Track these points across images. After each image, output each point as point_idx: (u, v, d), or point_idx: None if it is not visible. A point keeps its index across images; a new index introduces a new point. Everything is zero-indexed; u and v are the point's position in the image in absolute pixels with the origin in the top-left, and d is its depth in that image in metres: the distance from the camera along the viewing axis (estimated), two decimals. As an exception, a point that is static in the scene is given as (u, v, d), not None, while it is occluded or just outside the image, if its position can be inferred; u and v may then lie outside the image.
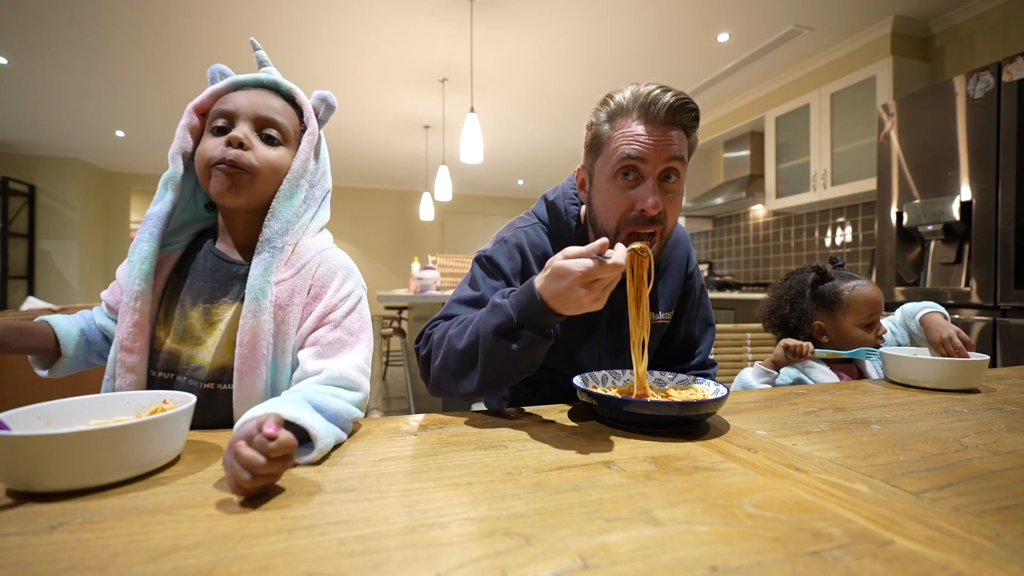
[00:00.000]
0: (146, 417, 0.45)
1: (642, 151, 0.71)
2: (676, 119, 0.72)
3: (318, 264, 0.68)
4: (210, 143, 0.65)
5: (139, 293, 0.63)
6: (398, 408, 3.35)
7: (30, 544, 0.33)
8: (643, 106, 0.72)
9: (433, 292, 2.78)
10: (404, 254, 7.57)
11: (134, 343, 0.63)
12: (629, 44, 3.15)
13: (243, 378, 0.62)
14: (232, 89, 0.69)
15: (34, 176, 5.71)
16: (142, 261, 0.64)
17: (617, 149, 0.73)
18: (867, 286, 1.08)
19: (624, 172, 0.73)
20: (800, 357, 1.04)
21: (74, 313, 0.78)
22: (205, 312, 0.66)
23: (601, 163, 0.76)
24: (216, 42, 3.11)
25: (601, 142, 0.76)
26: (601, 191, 0.77)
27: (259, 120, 0.67)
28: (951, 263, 2.16)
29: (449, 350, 0.68)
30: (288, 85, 0.72)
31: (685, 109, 0.72)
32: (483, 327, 0.64)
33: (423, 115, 4.44)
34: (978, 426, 0.63)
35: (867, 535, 0.34)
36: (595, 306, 0.58)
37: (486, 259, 0.84)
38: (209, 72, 0.73)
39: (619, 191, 0.74)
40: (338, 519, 0.37)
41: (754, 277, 4.20)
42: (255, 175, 0.65)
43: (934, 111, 2.17)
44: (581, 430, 0.61)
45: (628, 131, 0.72)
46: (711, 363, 1.02)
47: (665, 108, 0.71)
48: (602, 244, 0.56)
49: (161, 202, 0.67)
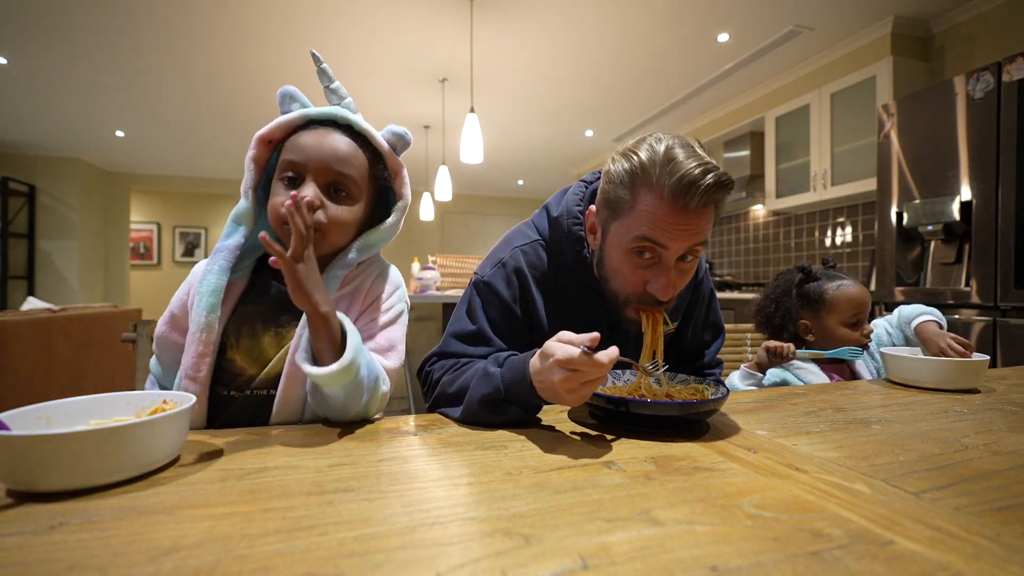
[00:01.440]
0: (146, 417, 0.45)
1: (667, 240, 0.65)
2: (711, 200, 0.64)
3: (372, 279, 0.73)
4: (280, 197, 0.65)
5: (206, 325, 0.65)
6: (398, 408, 3.35)
7: (30, 544, 0.33)
8: (675, 189, 0.62)
9: (433, 292, 2.78)
10: (404, 254, 7.56)
11: (197, 372, 0.65)
12: (629, 44, 3.15)
13: (287, 388, 0.65)
14: (303, 124, 0.68)
15: (34, 176, 5.70)
16: (210, 294, 0.66)
17: (639, 227, 0.65)
18: (852, 286, 1.09)
19: (642, 251, 0.67)
20: (782, 358, 1.05)
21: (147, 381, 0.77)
22: (277, 336, 0.69)
23: (618, 230, 0.69)
24: (216, 42, 3.11)
25: (621, 207, 0.68)
26: (613, 257, 0.71)
27: (328, 174, 0.66)
28: (951, 263, 2.16)
29: (441, 395, 0.72)
30: (364, 127, 0.70)
31: (724, 189, 0.63)
32: (471, 393, 0.64)
33: (423, 115, 4.44)
34: (978, 426, 0.63)
35: (867, 535, 0.34)
36: (569, 398, 0.56)
37: (484, 284, 0.81)
38: (279, 95, 0.70)
39: (633, 268, 0.69)
40: (338, 519, 0.37)
41: (754, 277, 4.20)
42: (326, 233, 0.66)
43: (934, 111, 2.17)
44: (581, 430, 0.61)
45: (655, 212, 0.64)
46: (717, 362, 1.02)
47: (701, 193, 0.61)
48: (592, 338, 0.54)
49: (234, 236, 0.69)
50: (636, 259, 0.68)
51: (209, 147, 5.47)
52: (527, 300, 0.81)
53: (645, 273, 0.69)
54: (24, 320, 2.04)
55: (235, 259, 0.68)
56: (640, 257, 0.68)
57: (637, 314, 0.72)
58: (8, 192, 5.40)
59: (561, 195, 0.85)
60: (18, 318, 2.03)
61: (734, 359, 1.46)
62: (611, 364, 0.54)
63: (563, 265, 0.82)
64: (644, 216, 0.65)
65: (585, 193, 0.82)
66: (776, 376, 1.09)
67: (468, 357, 0.77)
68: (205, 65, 3.44)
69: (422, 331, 3.03)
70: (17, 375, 1.99)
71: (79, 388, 2.30)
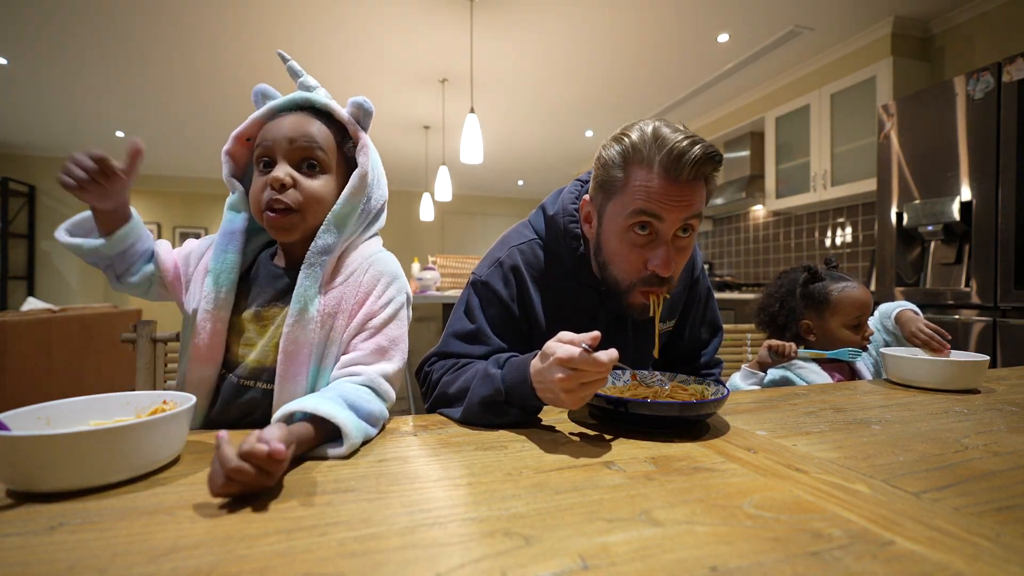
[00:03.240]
0: (146, 417, 0.45)
1: (662, 211, 0.67)
2: (701, 172, 0.66)
3: (366, 270, 0.71)
4: (258, 184, 0.68)
5: (224, 301, 0.67)
6: (398, 408, 3.35)
7: (30, 544, 0.33)
8: (666, 161, 0.65)
9: (433, 292, 2.78)
10: (404, 255, 7.55)
11: (212, 353, 0.66)
12: (629, 44, 3.15)
13: (284, 384, 0.64)
14: (271, 115, 0.70)
15: (34, 176, 5.70)
16: (230, 270, 0.68)
17: (633, 202, 0.68)
18: (856, 288, 1.10)
19: (639, 227, 0.69)
20: (784, 357, 1.06)
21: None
22: (256, 315, 0.69)
23: (613, 209, 0.71)
24: (217, 43, 3.11)
25: (615, 187, 0.70)
26: (612, 240, 0.73)
27: (297, 152, 0.67)
28: (951, 263, 2.16)
29: (441, 396, 0.72)
30: (323, 103, 0.71)
31: (712, 162, 0.66)
32: (472, 395, 0.64)
33: (423, 115, 4.44)
34: (978, 426, 0.63)
35: (867, 535, 0.34)
36: (569, 399, 0.55)
37: (482, 284, 0.81)
38: (253, 94, 0.74)
39: (632, 248, 0.71)
40: (338, 519, 0.37)
41: (754, 277, 4.20)
42: (303, 211, 0.67)
43: (934, 111, 2.17)
44: (581, 431, 0.61)
45: (647, 185, 0.66)
46: (716, 362, 1.02)
47: (691, 164, 0.64)
48: (593, 337, 0.54)
49: (237, 221, 0.72)
50: (634, 236, 0.70)
51: (209, 148, 5.47)
52: (524, 298, 0.82)
53: (644, 252, 0.70)
54: (24, 320, 2.04)
55: (246, 239, 0.72)
56: (638, 234, 0.70)
57: (645, 297, 0.73)
58: (8, 192, 5.39)
59: (557, 194, 0.85)
60: (18, 318, 2.03)
61: (734, 359, 1.46)
62: (611, 364, 0.53)
63: (560, 263, 0.82)
64: (638, 190, 0.67)
65: (581, 191, 0.83)
66: (778, 375, 1.09)
67: (468, 357, 0.77)
68: (205, 66, 3.44)
69: (422, 331, 3.03)
70: (17, 375, 1.99)
71: (79, 388, 2.30)
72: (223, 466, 0.39)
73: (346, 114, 0.71)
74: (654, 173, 0.66)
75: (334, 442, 0.52)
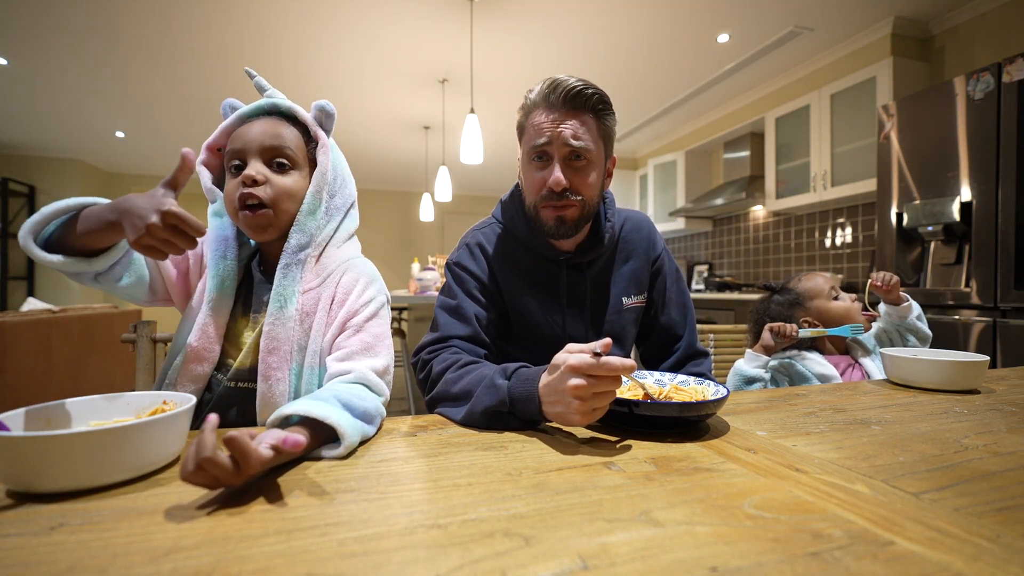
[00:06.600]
0: (146, 418, 0.45)
1: (548, 135, 0.79)
2: (576, 103, 0.78)
3: (342, 273, 0.73)
4: (231, 185, 0.70)
5: (223, 305, 0.70)
6: (398, 409, 3.35)
7: (30, 545, 0.33)
8: (545, 95, 0.79)
9: (433, 293, 2.78)
10: (404, 255, 7.56)
11: (208, 354, 0.68)
12: (629, 45, 3.15)
13: (266, 382, 0.66)
14: (239, 122, 0.73)
15: (34, 176, 5.70)
16: (230, 276, 0.71)
17: (530, 139, 0.82)
18: (808, 273, 1.22)
19: (537, 156, 0.82)
20: (786, 338, 1.10)
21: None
22: (254, 321, 0.72)
23: (523, 154, 0.86)
24: (217, 43, 3.11)
25: (521, 132, 0.85)
26: (523, 174, 0.87)
27: (266, 152, 0.70)
28: (951, 264, 2.16)
29: (443, 394, 0.72)
30: (287, 105, 0.75)
31: (583, 95, 0.77)
32: (475, 403, 0.64)
33: (423, 116, 4.44)
34: (978, 427, 0.63)
35: (867, 536, 0.34)
36: (580, 410, 0.54)
37: (455, 264, 0.92)
38: (221, 108, 0.77)
39: (533, 173, 0.84)
40: (338, 520, 0.37)
41: (754, 278, 4.20)
42: (276, 208, 0.69)
43: (934, 112, 2.17)
44: (581, 431, 0.61)
45: (536, 120, 0.81)
46: (702, 352, 1.01)
47: (563, 94, 0.77)
48: (605, 344, 0.55)
49: (227, 228, 0.74)
50: (535, 164, 0.83)
51: (209, 147, 5.47)
52: (492, 269, 0.91)
53: (542, 176, 0.82)
54: (24, 321, 2.04)
55: (239, 245, 0.74)
56: (538, 162, 0.82)
57: (549, 214, 0.83)
58: (8, 192, 5.40)
59: (515, 186, 0.96)
60: (18, 319, 2.03)
61: (734, 359, 1.46)
62: (624, 371, 0.53)
63: (516, 238, 0.92)
64: (532, 128, 0.82)
65: None
66: (782, 361, 1.14)
67: (456, 337, 0.83)
68: (205, 66, 3.44)
69: (422, 331, 3.03)
70: (17, 375, 1.98)
71: (79, 388, 2.29)
72: (197, 453, 0.38)
73: (309, 116, 0.75)
74: (540, 108, 0.80)
75: (331, 443, 0.52)
